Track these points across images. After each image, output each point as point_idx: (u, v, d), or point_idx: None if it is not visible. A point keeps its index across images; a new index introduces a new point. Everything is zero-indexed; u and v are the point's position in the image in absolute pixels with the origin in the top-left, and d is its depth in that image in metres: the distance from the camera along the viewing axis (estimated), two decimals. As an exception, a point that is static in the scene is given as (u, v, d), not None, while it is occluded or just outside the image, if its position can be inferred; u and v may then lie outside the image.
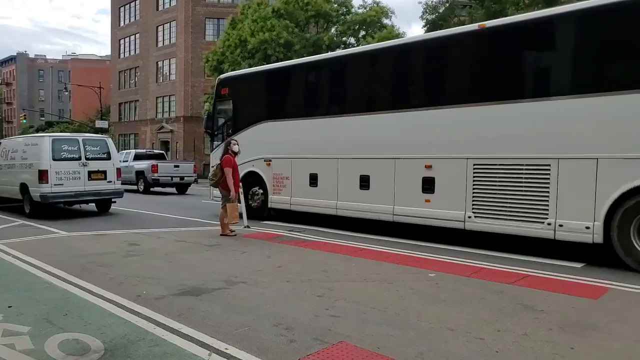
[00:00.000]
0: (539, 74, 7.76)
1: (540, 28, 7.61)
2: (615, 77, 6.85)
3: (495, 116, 7.79)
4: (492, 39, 8.10)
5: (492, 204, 7.77)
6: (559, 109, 7.12)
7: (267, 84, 11.91)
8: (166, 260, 6.83)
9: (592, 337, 3.94)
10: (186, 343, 3.67)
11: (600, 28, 6.91)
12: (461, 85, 8.48)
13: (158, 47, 48.88)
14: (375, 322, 4.21)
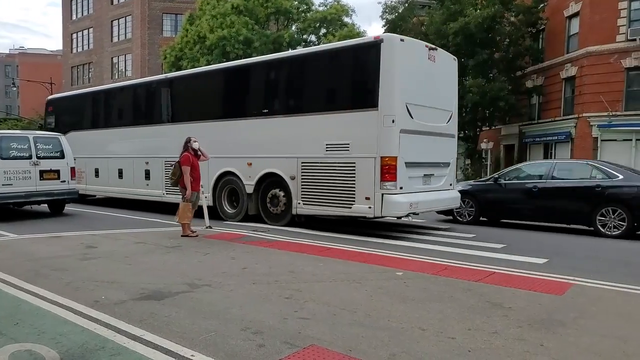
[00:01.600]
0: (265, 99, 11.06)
1: (261, 70, 11.27)
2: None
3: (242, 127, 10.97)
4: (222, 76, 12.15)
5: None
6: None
7: (71, 105, 16.68)
8: (126, 263, 6.53)
9: (560, 334, 3.97)
10: (149, 351, 3.46)
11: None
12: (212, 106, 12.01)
13: (113, 43, 47.44)
14: (346, 324, 4.12)
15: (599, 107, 23.17)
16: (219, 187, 11.39)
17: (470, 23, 24.49)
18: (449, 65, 10.43)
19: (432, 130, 9.48)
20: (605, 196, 9.91)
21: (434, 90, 9.60)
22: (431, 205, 9.84)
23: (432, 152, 9.62)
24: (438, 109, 9.76)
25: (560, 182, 10.69)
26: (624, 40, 22.69)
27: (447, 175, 10.15)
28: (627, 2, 22.70)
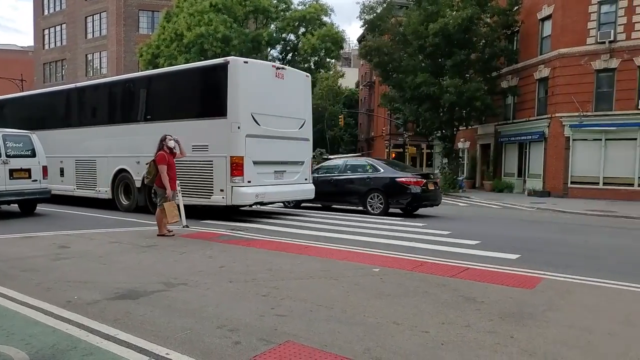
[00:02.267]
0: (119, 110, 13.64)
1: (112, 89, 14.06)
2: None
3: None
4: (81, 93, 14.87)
5: None
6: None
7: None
8: (100, 262, 6.44)
9: (529, 326, 4.08)
10: (123, 350, 3.43)
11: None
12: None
13: (87, 39, 46.58)
14: (322, 320, 4.15)
15: (571, 108, 23.72)
16: (116, 182, 13.17)
17: (449, 24, 24.78)
18: (300, 81, 12.56)
19: (281, 134, 11.48)
20: (371, 185, 13.58)
21: (282, 102, 11.58)
22: (280, 197, 12.28)
23: (282, 153, 11.66)
24: (287, 117, 11.77)
25: (348, 175, 14.30)
26: (594, 42, 23.27)
27: (301, 172, 12.29)
28: (597, 6, 23.29)
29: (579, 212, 16.43)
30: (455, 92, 25.18)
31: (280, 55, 37.69)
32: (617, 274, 6.23)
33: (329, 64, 39.52)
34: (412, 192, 12.99)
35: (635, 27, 22.44)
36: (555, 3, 24.47)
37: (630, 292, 5.30)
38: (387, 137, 47.32)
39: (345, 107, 63.51)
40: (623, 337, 3.86)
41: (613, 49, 22.82)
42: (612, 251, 8.40)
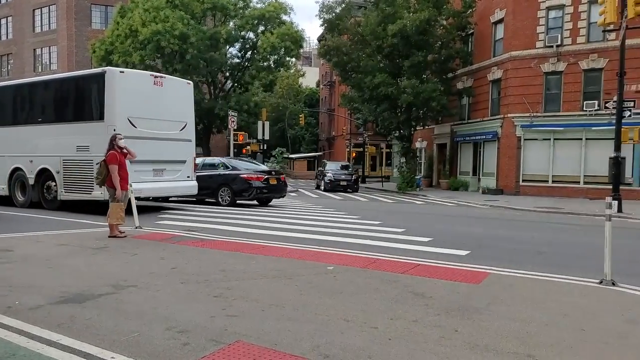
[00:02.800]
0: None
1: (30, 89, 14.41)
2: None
3: None
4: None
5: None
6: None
7: None
8: (46, 266, 6.23)
9: (473, 319, 4.23)
10: (65, 355, 3.34)
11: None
12: None
13: (35, 33, 44.78)
14: (273, 319, 4.18)
15: (522, 109, 24.61)
16: (13, 180, 13.98)
17: (407, 25, 25.21)
18: (181, 88, 13.90)
19: (160, 136, 12.58)
20: (221, 180, 15.99)
21: (162, 107, 12.74)
22: (159, 192, 13.49)
23: (161, 153, 12.72)
24: (168, 121, 12.93)
25: (206, 171, 16.12)
26: (543, 46, 24.22)
27: (182, 170, 13.55)
28: (545, 11, 24.26)
29: (529, 209, 17.07)
30: (412, 93, 25.67)
31: (239, 53, 37.43)
32: (558, 268, 6.54)
33: (289, 63, 39.48)
34: (254, 186, 15.64)
35: (580, 32, 23.50)
36: (507, 7, 25.30)
37: (568, 284, 5.57)
38: (348, 137, 47.71)
39: (306, 106, 63.64)
40: (558, 327, 4.06)
41: (560, 52, 23.82)
42: (556, 246, 8.79)
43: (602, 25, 16.17)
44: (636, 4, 14.46)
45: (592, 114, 22.74)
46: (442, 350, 3.53)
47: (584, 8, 23.25)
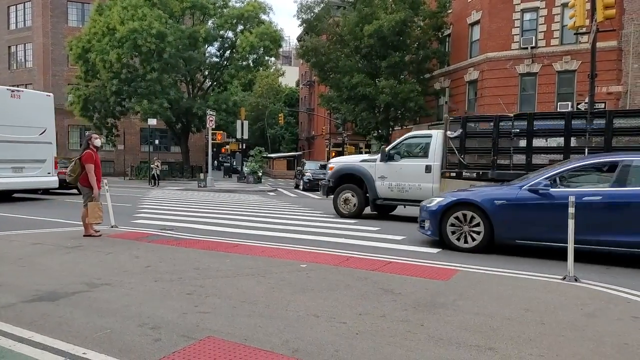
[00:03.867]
0: None
1: None
2: None
3: None
4: None
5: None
6: None
7: None
8: (19, 265, 6.21)
9: (439, 314, 4.38)
10: (37, 352, 3.39)
11: None
12: None
13: (10, 30, 43.89)
14: (245, 315, 4.27)
15: (498, 109, 24.99)
16: None
17: (384, 26, 25.47)
18: (40, 99, 16.34)
19: (18, 140, 14.94)
20: None
21: (20, 115, 15.03)
22: (19, 186, 15.71)
23: (20, 153, 15.08)
24: (27, 127, 15.20)
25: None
26: (518, 48, 24.74)
27: (42, 167, 15.88)
28: (520, 14, 24.78)
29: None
30: (390, 93, 25.96)
31: (218, 52, 37.28)
32: (526, 265, 6.77)
33: (268, 62, 39.46)
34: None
35: (554, 34, 24.07)
36: (482, 9, 25.75)
37: (533, 280, 5.78)
38: (327, 137, 47.88)
39: (285, 106, 63.63)
40: (520, 321, 4.24)
41: (535, 54, 24.36)
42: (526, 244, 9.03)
43: (573, 29, 16.60)
44: (605, 8, 14.89)
45: (565, 115, 23.30)
46: (407, 344, 3.67)
47: (558, 11, 23.82)
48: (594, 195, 6.86)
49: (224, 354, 3.41)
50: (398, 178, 11.72)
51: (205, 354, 3.41)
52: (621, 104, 22.71)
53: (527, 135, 10.27)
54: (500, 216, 7.39)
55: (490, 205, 7.46)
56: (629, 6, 22.65)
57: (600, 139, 9.72)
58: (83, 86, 35.43)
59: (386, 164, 11.92)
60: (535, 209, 7.20)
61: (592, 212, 6.80)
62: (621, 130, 9.72)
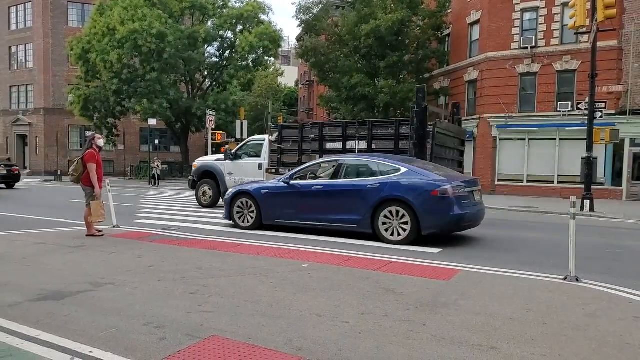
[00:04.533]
0: None
1: None
2: None
3: None
4: None
5: None
6: None
7: None
8: (23, 264, 6.25)
9: (441, 314, 4.42)
10: (45, 350, 3.43)
11: None
12: None
13: (11, 31, 43.92)
14: (248, 315, 4.30)
15: (498, 109, 25.10)
16: None
17: (381, 26, 25.48)
18: None
19: None
20: None
21: None
22: None
23: None
24: None
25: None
26: (518, 47, 24.75)
27: None
28: (520, 13, 24.79)
29: (504, 208, 17.44)
30: (389, 93, 25.97)
31: (218, 53, 37.30)
32: (528, 265, 6.80)
33: (267, 62, 39.48)
34: None
35: (554, 34, 24.08)
36: (482, 9, 25.77)
37: (535, 280, 5.81)
38: (327, 136, 47.81)
39: (285, 106, 63.62)
40: (521, 321, 4.27)
41: (534, 54, 24.37)
42: (527, 244, 9.07)
43: (573, 29, 16.63)
44: (606, 8, 14.93)
45: (565, 114, 23.32)
46: (410, 343, 3.70)
47: (558, 10, 23.83)
48: (319, 185, 9.15)
49: (229, 353, 3.44)
50: (241, 174, 14.39)
51: (210, 353, 3.45)
52: (621, 103, 22.74)
53: (319, 140, 13.21)
54: (264, 202, 9.63)
55: (258, 193, 9.69)
56: (630, 5, 22.67)
57: (364, 143, 12.51)
58: (83, 86, 35.45)
59: (232, 162, 14.70)
60: (285, 195, 9.41)
61: (319, 198, 9.06)
62: (378, 136, 12.57)
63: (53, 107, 41.82)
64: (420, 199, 7.96)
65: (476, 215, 8.66)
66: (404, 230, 8.13)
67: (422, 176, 8.29)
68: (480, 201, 8.96)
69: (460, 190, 8.14)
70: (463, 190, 8.21)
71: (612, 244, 9.29)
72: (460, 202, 8.03)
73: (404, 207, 8.08)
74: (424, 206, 7.93)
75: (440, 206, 7.88)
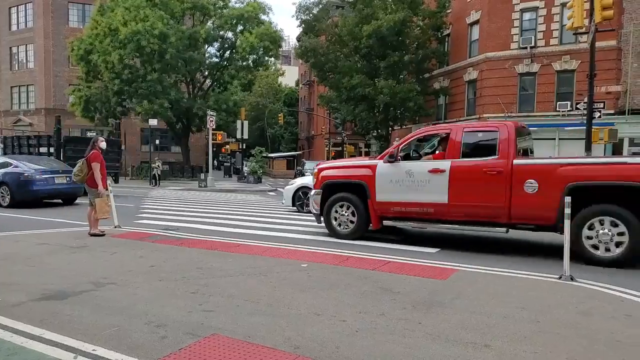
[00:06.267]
0: None
1: None
2: None
3: None
4: None
5: None
6: None
7: None
8: (27, 264, 6.34)
9: (437, 313, 4.50)
10: (49, 348, 3.52)
11: None
12: None
13: (12, 31, 44.03)
14: (248, 313, 4.39)
15: (497, 109, 25.17)
16: None
17: (383, 26, 25.57)
18: None
19: None
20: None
21: None
22: None
23: None
24: None
25: None
26: (517, 48, 24.83)
27: None
28: (520, 14, 24.87)
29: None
30: (389, 93, 26.06)
31: (218, 53, 37.39)
32: (524, 264, 6.88)
33: (268, 63, 39.57)
34: None
35: (553, 34, 24.16)
36: (482, 9, 25.85)
37: (530, 279, 5.90)
38: (327, 136, 47.98)
39: (285, 106, 63.73)
40: (515, 320, 4.35)
41: (534, 54, 24.46)
42: (524, 244, 9.15)
43: (571, 29, 16.71)
44: (603, 9, 15.00)
45: (564, 114, 23.40)
46: (406, 341, 3.79)
47: (557, 10, 23.92)
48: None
49: (228, 351, 3.53)
50: None
51: (210, 351, 3.54)
52: (620, 103, 22.82)
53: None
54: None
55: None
56: (629, 6, 22.74)
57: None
58: (84, 87, 35.55)
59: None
60: None
61: None
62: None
63: (54, 108, 41.92)
64: (15, 182, 13.96)
65: (54, 192, 14.57)
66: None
67: (21, 168, 14.24)
68: (63, 182, 14.44)
69: (40, 176, 14.08)
70: (43, 175, 14.16)
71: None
72: (38, 182, 14.00)
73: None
74: (15, 185, 13.96)
75: (25, 185, 13.90)
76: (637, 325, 4.27)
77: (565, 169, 7.00)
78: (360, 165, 9.00)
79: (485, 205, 7.46)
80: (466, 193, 7.59)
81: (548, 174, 7.09)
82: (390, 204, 8.23)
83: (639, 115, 22.25)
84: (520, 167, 7.25)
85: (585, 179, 6.82)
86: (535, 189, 7.11)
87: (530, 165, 7.33)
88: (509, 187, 7.27)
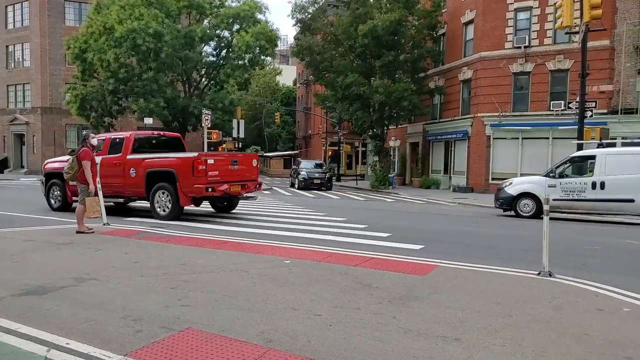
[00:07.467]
0: None
1: None
2: None
3: None
4: None
5: None
6: None
7: None
8: (10, 261, 6.38)
9: (412, 307, 4.56)
10: (22, 342, 3.56)
11: None
12: None
13: (8, 30, 43.95)
14: (225, 308, 4.44)
15: (492, 108, 25.23)
16: None
17: (378, 26, 25.60)
18: None
19: None
20: None
21: None
22: None
23: None
24: None
25: None
26: (511, 47, 24.88)
27: None
28: (514, 13, 24.92)
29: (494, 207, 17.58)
30: (384, 92, 26.07)
31: (215, 52, 37.36)
32: (505, 261, 6.95)
33: (264, 62, 39.56)
34: None
35: (547, 33, 24.22)
36: (476, 8, 25.90)
37: (509, 275, 5.96)
38: (324, 135, 48.01)
39: (282, 105, 63.71)
40: (488, 314, 4.42)
41: (528, 53, 24.51)
42: (509, 241, 9.23)
43: (560, 29, 16.79)
44: (592, 8, 15.08)
45: (558, 113, 23.45)
46: (377, 335, 3.85)
47: (551, 10, 23.95)
48: None
49: (201, 344, 3.59)
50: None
51: (182, 344, 3.59)
52: (613, 102, 22.89)
53: None
54: None
55: None
56: (621, 5, 22.81)
57: None
58: (80, 85, 35.53)
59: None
60: None
61: None
62: None
63: (50, 106, 41.88)
64: None
65: None
66: None
67: None
68: None
69: None
70: None
71: (591, 240, 9.44)
72: None
73: None
74: None
75: None
76: (607, 319, 4.33)
77: (146, 162, 11.34)
78: None
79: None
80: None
81: (138, 164, 11.42)
82: None
83: (631, 115, 22.32)
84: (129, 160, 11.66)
85: (152, 167, 11.26)
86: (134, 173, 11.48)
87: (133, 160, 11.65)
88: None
